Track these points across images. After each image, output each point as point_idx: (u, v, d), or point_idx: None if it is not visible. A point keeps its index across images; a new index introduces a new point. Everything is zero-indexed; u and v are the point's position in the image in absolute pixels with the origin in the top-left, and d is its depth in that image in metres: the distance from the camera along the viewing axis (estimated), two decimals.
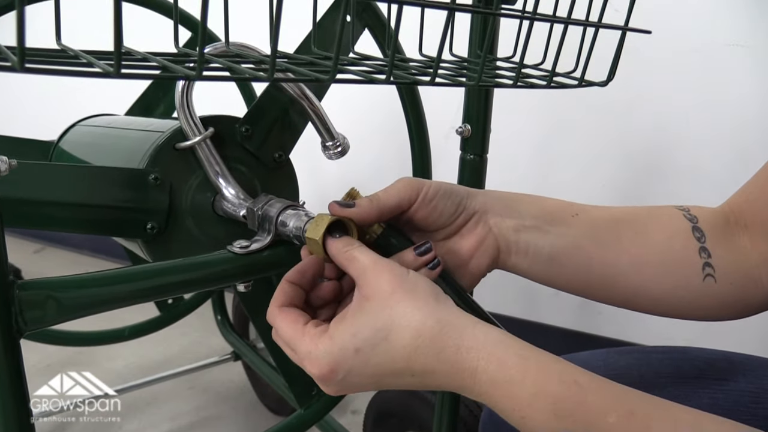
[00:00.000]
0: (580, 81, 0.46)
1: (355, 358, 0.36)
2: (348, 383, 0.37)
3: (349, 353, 0.36)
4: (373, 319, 0.36)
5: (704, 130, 1.09)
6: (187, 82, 0.53)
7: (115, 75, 0.25)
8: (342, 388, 0.37)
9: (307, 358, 0.37)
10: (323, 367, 0.36)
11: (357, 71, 0.35)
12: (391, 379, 0.36)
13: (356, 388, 0.37)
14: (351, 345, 0.36)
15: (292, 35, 0.56)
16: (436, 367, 0.35)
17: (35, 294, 0.41)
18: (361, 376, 0.36)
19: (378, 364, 0.36)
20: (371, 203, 0.43)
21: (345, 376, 0.36)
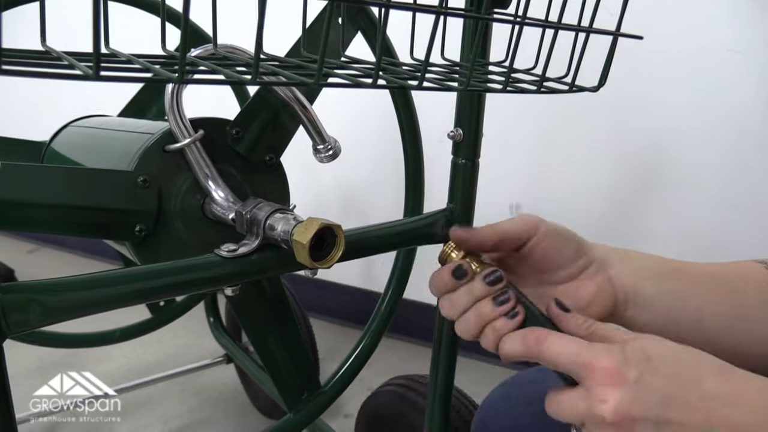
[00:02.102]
0: (571, 86, 0.46)
1: (646, 363, 0.34)
2: (639, 391, 0.34)
3: (640, 358, 0.35)
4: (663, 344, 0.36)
5: (700, 135, 1.09)
6: (177, 84, 0.53)
7: (94, 78, 0.25)
8: (632, 397, 0.34)
9: (603, 351, 0.36)
10: (610, 358, 0.35)
11: (344, 75, 0.35)
12: (681, 396, 0.34)
13: (645, 403, 0.34)
14: (641, 352, 0.35)
15: (289, 37, 0.56)
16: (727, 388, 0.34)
17: (18, 297, 0.40)
18: (651, 385, 0.34)
19: (668, 376, 0.34)
20: (492, 228, 0.44)
21: (637, 378, 0.34)
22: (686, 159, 1.11)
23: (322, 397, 0.74)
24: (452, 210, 0.62)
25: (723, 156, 1.07)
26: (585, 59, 0.44)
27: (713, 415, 0.33)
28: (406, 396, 0.88)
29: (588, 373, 0.35)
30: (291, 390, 0.71)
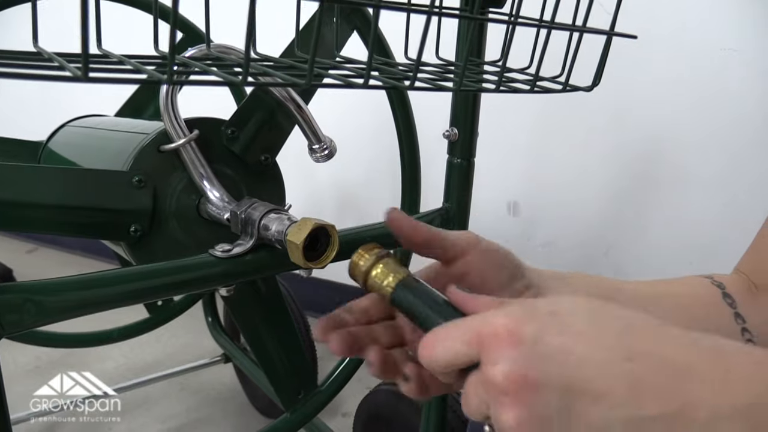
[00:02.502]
0: (564, 86, 0.46)
1: (551, 320, 0.28)
2: (538, 351, 0.27)
3: (543, 312, 0.29)
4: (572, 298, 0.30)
5: (697, 134, 1.09)
6: (170, 85, 0.53)
7: (83, 79, 0.25)
8: (529, 357, 0.27)
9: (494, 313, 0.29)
10: (506, 317, 0.28)
11: (335, 75, 0.35)
12: (597, 359, 0.27)
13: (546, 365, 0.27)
14: (545, 307, 0.29)
15: (288, 36, 0.56)
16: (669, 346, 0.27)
17: (13, 298, 0.40)
18: (555, 339, 0.27)
19: (581, 333, 0.27)
20: (429, 227, 0.39)
21: (536, 335, 0.27)
22: (683, 158, 1.11)
23: (318, 396, 0.74)
24: (448, 209, 0.62)
25: (720, 155, 1.07)
26: (581, 59, 0.44)
27: (641, 383, 0.26)
28: (403, 395, 0.88)
29: (480, 343, 0.29)
30: (287, 389, 0.71)
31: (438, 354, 0.30)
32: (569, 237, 1.29)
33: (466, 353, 0.29)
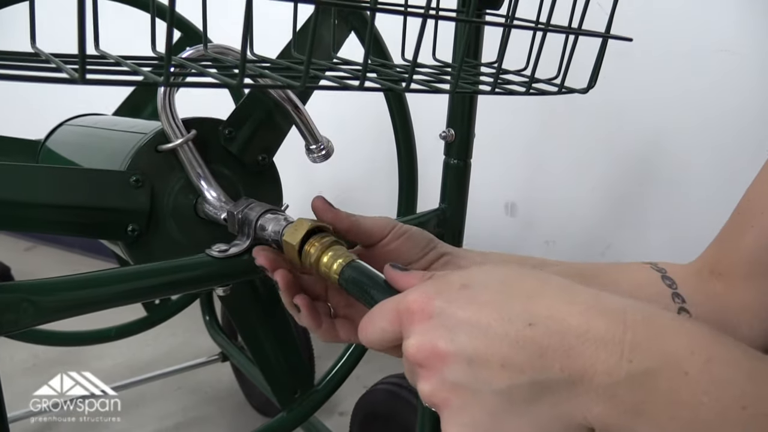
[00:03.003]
0: (560, 87, 0.46)
1: (460, 292, 0.29)
2: (444, 322, 0.28)
3: (454, 286, 0.30)
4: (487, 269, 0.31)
5: (692, 135, 1.09)
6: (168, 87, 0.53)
7: (80, 81, 0.25)
8: (436, 329, 0.29)
9: (412, 290, 0.31)
10: (421, 293, 0.30)
11: (331, 77, 0.35)
12: (501, 326, 0.27)
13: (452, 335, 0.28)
14: (458, 281, 0.30)
15: (286, 36, 0.56)
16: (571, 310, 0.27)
17: (10, 297, 0.40)
18: (461, 311, 0.28)
19: (487, 302, 0.28)
20: (349, 215, 0.43)
21: (443, 307, 0.29)
22: (681, 158, 1.12)
23: (315, 395, 0.74)
24: (444, 210, 0.62)
25: (718, 156, 1.07)
26: (577, 60, 0.45)
27: (543, 348, 0.26)
28: (399, 394, 0.88)
29: (400, 320, 0.31)
30: (284, 388, 0.71)
31: (370, 335, 0.32)
32: (566, 237, 1.30)
33: (392, 331, 0.31)
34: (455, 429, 0.28)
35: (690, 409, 0.23)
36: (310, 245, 0.40)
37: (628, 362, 0.24)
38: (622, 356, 0.25)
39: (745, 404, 0.22)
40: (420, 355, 0.29)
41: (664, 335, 0.25)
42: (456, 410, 0.28)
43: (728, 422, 0.22)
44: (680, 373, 0.24)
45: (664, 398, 0.24)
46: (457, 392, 0.28)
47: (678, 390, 0.23)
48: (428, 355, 0.28)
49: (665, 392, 0.24)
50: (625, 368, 0.24)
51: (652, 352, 0.24)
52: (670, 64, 1.08)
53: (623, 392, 0.24)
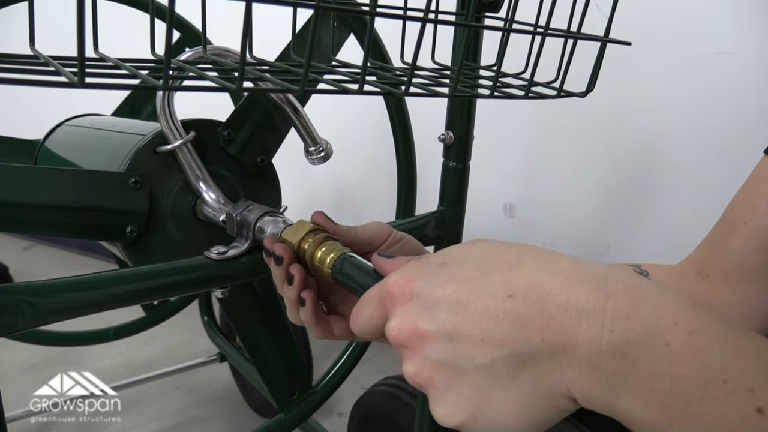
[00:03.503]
0: (559, 91, 0.46)
1: (439, 271, 0.29)
2: (424, 302, 0.29)
3: (433, 266, 0.30)
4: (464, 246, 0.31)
5: (691, 137, 1.09)
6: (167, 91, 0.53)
7: (79, 85, 0.25)
8: (417, 309, 0.29)
9: (395, 273, 0.31)
10: (401, 277, 0.30)
11: (329, 81, 0.35)
12: (480, 300, 0.27)
13: (432, 314, 0.28)
14: (436, 260, 0.30)
15: (286, 36, 0.56)
16: (551, 279, 0.26)
17: (8, 299, 0.41)
18: (440, 289, 0.28)
19: (466, 278, 0.28)
20: (349, 229, 0.43)
21: (423, 287, 0.29)
22: (680, 160, 1.12)
23: (313, 396, 0.74)
24: (443, 212, 0.62)
25: (718, 158, 1.07)
26: (576, 64, 0.45)
27: (523, 319, 0.26)
28: (398, 396, 0.88)
29: (383, 305, 0.31)
30: (282, 390, 0.71)
31: (360, 323, 0.33)
32: (565, 238, 1.30)
33: (379, 317, 0.31)
34: (442, 408, 0.28)
35: (671, 381, 0.23)
36: (305, 242, 0.41)
37: (609, 332, 0.24)
38: (604, 326, 0.24)
39: (727, 378, 0.22)
40: (402, 335, 0.29)
41: (646, 305, 0.25)
42: (441, 388, 0.28)
43: (709, 395, 0.22)
44: (662, 344, 0.23)
45: (646, 369, 0.23)
46: (440, 370, 0.28)
47: (659, 361, 0.23)
48: (409, 336, 0.28)
49: (646, 363, 0.23)
50: (606, 338, 0.24)
51: (634, 322, 0.24)
52: (669, 66, 1.08)
53: (605, 363, 0.24)
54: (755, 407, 0.21)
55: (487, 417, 0.27)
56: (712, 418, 0.22)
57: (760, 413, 0.21)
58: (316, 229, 0.42)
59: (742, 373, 0.22)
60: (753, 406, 0.21)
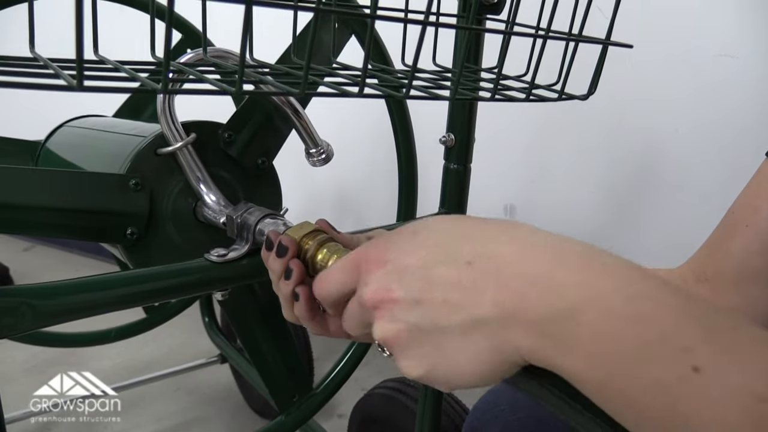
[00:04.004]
0: (560, 94, 0.46)
1: (410, 240, 0.32)
2: (396, 268, 0.31)
3: (406, 235, 0.32)
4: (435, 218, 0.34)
5: (692, 139, 1.09)
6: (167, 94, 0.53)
7: (78, 88, 0.25)
8: (390, 275, 0.31)
9: (370, 243, 0.34)
10: (378, 245, 0.33)
11: (330, 84, 0.35)
12: (443, 267, 0.29)
13: (402, 279, 0.30)
14: (409, 229, 0.33)
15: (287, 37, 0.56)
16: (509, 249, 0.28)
17: (9, 301, 0.40)
18: (410, 256, 0.31)
19: (434, 246, 0.31)
20: (351, 237, 0.43)
21: (396, 255, 0.31)
22: (681, 162, 1.12)
23: (314, 398, 0.74)
24: (444, 214, 0.62)
25: (718, 160, 1.07)
26: (577, 66, 0.45)
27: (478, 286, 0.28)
28: (397, 399, 0.88)
29: (358, 272, 0.33)
30: (283, 392, 0.71)
31: (328, 288, 0.35)
32: None
33: (349, 283, 0.34)
34: (405, 361, 0.31)
35: (613, 342, 0.24)
36: (306, 242, 0.41)
37: (556, 298, 0.25)
38: (551, 292, 0.26)
39: (666, 338, 0.23)
40: (376, 298, 0.31)
41: (593, 272, 0.26)
42: (404, 345, 0.30)
43: (648, 355, 0.23)
44: (605, 309, 0.24)
45: (589, 333, 0.24)
46: (406, 330, 0.30)
47: (602, 325, 0.24)
48: (382, 299, 0.31)
49: (589, 327, 0.24)
50: (553, 304, 0.25)
51: (580, 288, 0.25)
52: (670, 68, 1.08)
53: (549, 328, 0.25)
54: (691, 366, 0.22)
55: (443, 370, 0.30)
56: (651, 377, 0.23)
57: (696, 371, 0.22)
58: (318, 230, 0.42)
59: (680, 335, 0.23)
60: (689, 365, 0.22)
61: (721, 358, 0.22)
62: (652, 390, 0.23)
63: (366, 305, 0.32)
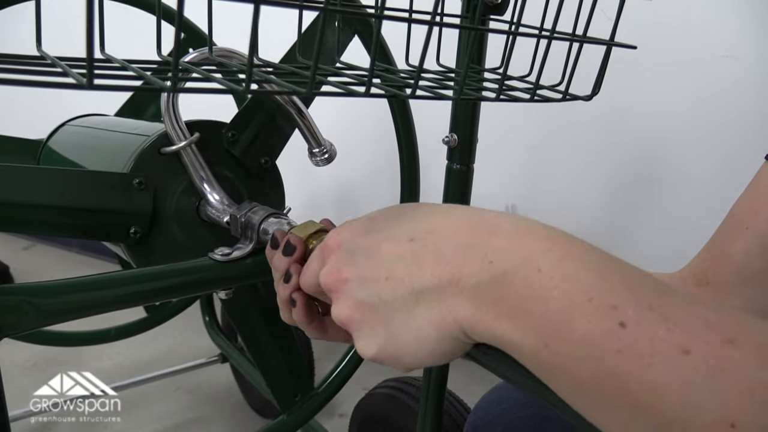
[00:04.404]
0: (564, 95, 0.46)
1: (365, 224, 0.34)
2: (348, 249, 0.33)
3: (362, 220, 0.34)
4: None
5: (695, 141, 1.09)
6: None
7: (88, 87, 0.25)
8: (342, 256, 0.33)
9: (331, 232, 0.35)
10: (337, 231, 0.34)
11: (336, 83, 0.35)
12: (387, 245, 0.31)
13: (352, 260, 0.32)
14: (367, 215, 0.35)
15: (288, 35, 0.56)
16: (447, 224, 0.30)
17: (12, 299, 0.41)
18: (361, 239, 0.32)
19: (382, 228, 0.32)
20: None
21: (349, 239, 0.33)
22: (683, 163, 1.12)
23: (315, 398, 0.74)
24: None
25: (719, 161, 1.07)
26: (580, 67, 0.45)
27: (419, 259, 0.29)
28: (399, 398, 0.88)
29: (324, 255, 0.35)
30: (285, 391, 0.71)
31: (306, 278, 0.37)
32: None
33: (318, 269, 0.35)
34: (359, 342, 0.31)
35: (542, 302, 0.24)
36: (310, 242, 0.41)
37: (488, 263, 0.27)
38: (485, 259, 0.27)
39: (592, 297, 0.24)
40: (329, 279, 0.33)
41: (525, 239, 0.27)
42: (359, 325, 0.31)
43: (576, 313, 0.24)
44: (534, 270, 0.25)
45: (520, 294, 0.25)
46: (358, 308, 0.31)
47: (531, 286, 0.25)
48: (335, 280, 0.32)
49: (520, 288, 0.25)
50: (486, 269, 0.27)
51: (511, 253, 0.26)
52: (671, 69, 1.08)
53: (484, 292, 0.26)
54: (618, 321, 0.23)
55: (393, 348, 0.30)
56: (579, 334, 0.23)
57: (623, 326, 0.22)
58: (323, 230, 0.42)
59: (606, 293, 0.24)
60: (616, 321, 0.23)
61: (647, 314, 0.22)
62: (582, 348, 0.23)
63: (324, 288, 0.33)
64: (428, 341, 0.29)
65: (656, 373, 0.21)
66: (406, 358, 0.30)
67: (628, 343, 0.22)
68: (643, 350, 0.22)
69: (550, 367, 0.25)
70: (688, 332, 0.22)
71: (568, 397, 0.25)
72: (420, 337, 0.29)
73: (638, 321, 0.22)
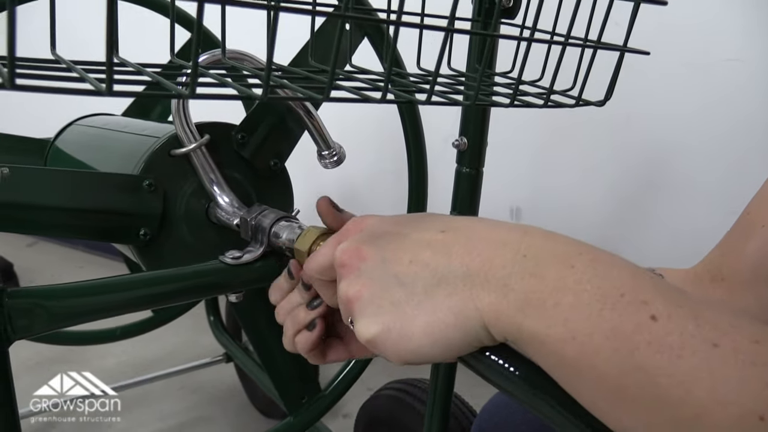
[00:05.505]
0: (577, 100, 0.46)
1: (391, 217, 0.35)
2: (372, 231, 0.33)
3: (387, 216, 0.35)
4: None
5: (701, 144, 1.09)
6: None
7: (107, 93, 0.25)
8: (364, 237, 0.33)
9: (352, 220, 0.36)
10: (360, 218, 0.36)
11: (351, 88, 0.35)
12: (417, 233, 0.32)
13: (375, 241, 0.32)
14: (391, 215, 0.35)
15: (288, 34, 0.56)
16: (480, 225, 0.31)
17: (24, 302, 0.41)
18: (387, 225, 0.33)
19: (410, 222, 0.33)
20: (349, 215, 0.43)
21: (374, 223, 0.34)
22: (688, 165, 1.11)
23: (322, 401, 0.74)
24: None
25: (724, 163, 1.07)
26: (590, 72, 0.44)
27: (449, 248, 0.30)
28: (404, 400, 0.88)
29: (340, 241, 0.35)
30: (292, 394, 0.71)
31: (316, 261, 0.36)
32: None
33: (332, 255, 0.35)
34: (361, 320, 0.31)
35: (573, 294, 0.25)
36: (313, 250, 0.41)
37: (522, 257, 0.27)
38: (518, 252, 0.27)
39: (624, 293, 0.24)
40: (345, 255, 0.32)
41: (557, 241, 0.28)
42: (365, 302, 0.31)
43: (607, 305, 0.24)
44: (568, 266, 0.26)
45: (551, 285, 0.25)
46: (368, 286, 0.31)
47: (564, 278, 0.25)
48: (351, 255, 0.32)
49: (552, 281, 0.26)
50: (519, 261, 0.27)
51: (546, 251, 0.27)
52: (678, 72, 1.08)
53: (514, 281, 0.26)
54: (649, 315, 0.23)
55: (397, 331, 0.29)
56: (609, 326, 0.24)
57: (654, 320, 0.23)
58: (325, 233, 0.42)
59: (637, 290, 0.24)
60: (647, 314, 0.23)
61: (677, 310, 0.23)
62: (610, 341, 0.23)
63: (336, 263, 0.33)
64: (440, 326, 0.28)
65: (686, 365, 0.22)
66: (410, 344, 0.29)
67: (660, 336, 0.22)
68: (673, 342, 0.22)
69: (574, 361, 0.25)
70: (716, 329, 0.22)
71: (590, 395, 0.25)
72: (432, 322, 0.28)
73: (669, 315, 0.23)
